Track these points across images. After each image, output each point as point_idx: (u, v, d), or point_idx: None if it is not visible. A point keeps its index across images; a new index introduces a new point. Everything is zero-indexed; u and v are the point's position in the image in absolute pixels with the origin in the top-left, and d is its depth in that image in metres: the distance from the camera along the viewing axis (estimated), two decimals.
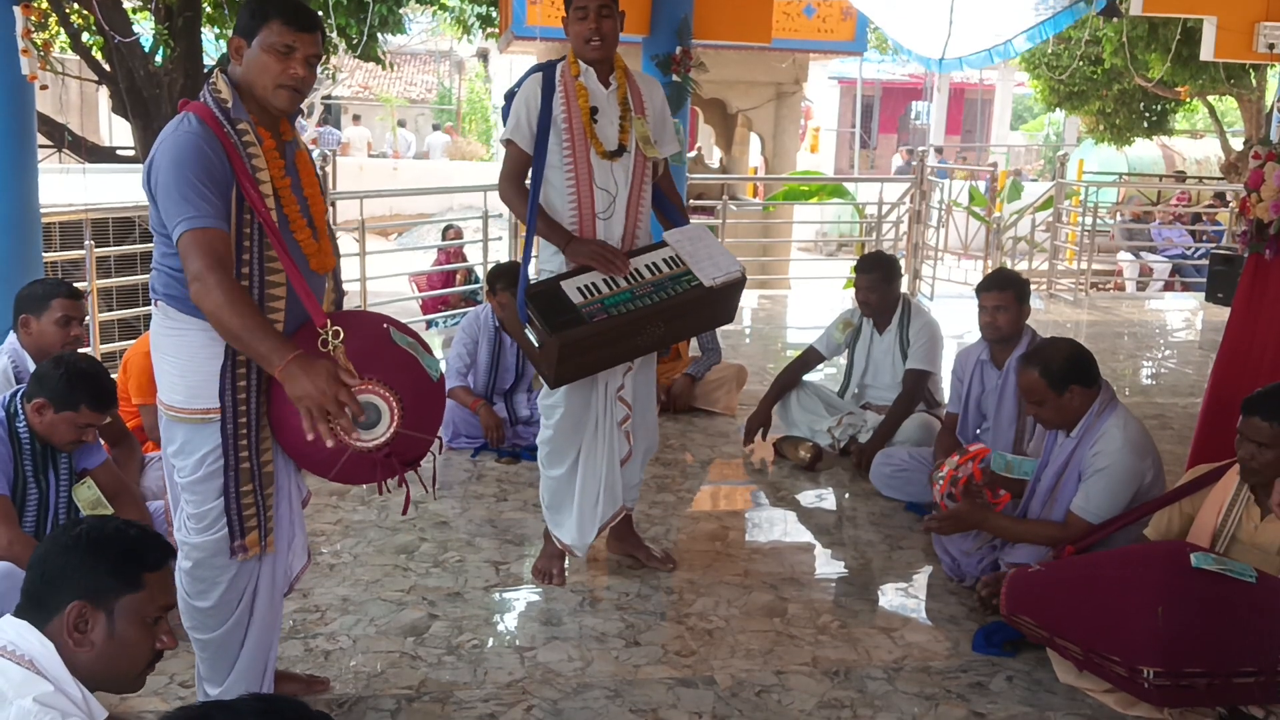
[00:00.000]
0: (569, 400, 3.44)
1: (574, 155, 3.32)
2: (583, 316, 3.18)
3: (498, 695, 2.92)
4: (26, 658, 1.76)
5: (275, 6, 2.38)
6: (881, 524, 4.28)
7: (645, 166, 3.42)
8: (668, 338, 3.43)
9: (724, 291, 3.36)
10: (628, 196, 3.39)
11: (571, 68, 3.35)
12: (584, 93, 3.33)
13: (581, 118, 3.31)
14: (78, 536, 1.85)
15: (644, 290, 3.26)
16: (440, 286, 9.35)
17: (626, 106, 3.38)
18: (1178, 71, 12.21)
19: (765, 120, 13.33)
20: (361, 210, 7.20)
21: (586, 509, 3.53)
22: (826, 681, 3.04)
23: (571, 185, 3.33)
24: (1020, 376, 3.49)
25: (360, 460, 2.34)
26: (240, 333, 2.25)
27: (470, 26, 14.73)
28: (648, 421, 3.64)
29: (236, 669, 2.59)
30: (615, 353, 3.32)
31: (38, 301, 3.58)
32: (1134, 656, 2.77)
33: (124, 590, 1.83)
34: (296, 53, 2.38)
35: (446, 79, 29.84)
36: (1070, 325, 8.41)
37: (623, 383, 3.48)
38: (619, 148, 3.36)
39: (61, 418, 3.00)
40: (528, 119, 3.33)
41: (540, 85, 3.33)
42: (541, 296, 3.23)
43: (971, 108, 26.88)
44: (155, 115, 9.90)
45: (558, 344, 3.14)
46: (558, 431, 3.49)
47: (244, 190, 2.33)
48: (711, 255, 3.38)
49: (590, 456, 3.51)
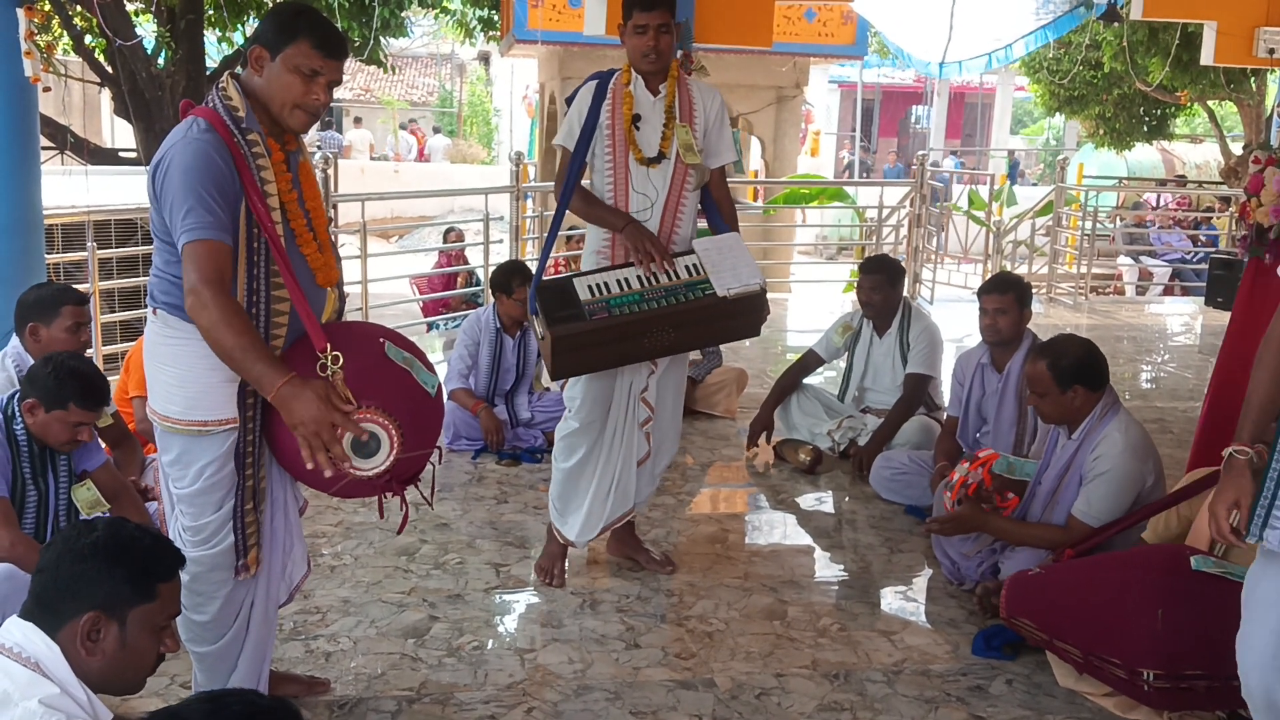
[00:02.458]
0: (589, 393, 3.48)
1: (614, 160, 3.42)
2: (584, 313, 3.24)
3: (498, 697, 2.93)
4: (32, 660, 1.76)
5: (307, 26, 2.33)
6: (881, 527, 4.28)
7: (686, 174, 3.45)
8: (679, 344, 3.43)
9: (740, 303, 3.33)
10: (665, 202, 3.43)
11: (624, 75, 3.44)
12: (629, 99, 3.41)
13: (624, 123, 3.40)
14: (94, 545, 1.83)
15: (654, 294, 3.29)
16: (441, 289, 9.36)
17: (672, 114, 3.43)
18: (1178, 76, 12.22)
19: (766, 124, 13.35)
20: (363, 213, 7.21)
21: (596, 504, 3.55)
22: (826, 684, 3.05)
23: (610, 188, 3.43)
24: (1029, 365, 3.49)
25: (361, 479, 2.33)
26: (234, 352, 2.22)
27: (472, 30, 14.76)
28: (671, 426, 3.65)
29: (234, 680, 2.57)
30: (620, 352, 3.34)
31: (47, 309, 3.57)
32: (1134, 659, 2.78)
33: (139, 601, 1.83)
34: (321, 77, 2.34)
35: (448, 82, 29.88)
36: (1070, 329, 8.37)
37: (646, 384, 3.52)
38: (659, 155, 3.42)
39: (52, 417, 2.99)
40: (578, 123, 3.42)
41: (593, 93, 3.43)
42: (550, 290, 3.32)
43: (971, 112, 26.91)
44: (157, 117, 9.92)
45: (552, 338, 3.22)
46: (577, 421, 3.52)
47: (251, 204, 2.30)
48: (735, 266, 3.38)
49: (608, 453, 3.54)
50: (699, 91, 3.51)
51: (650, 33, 3.33)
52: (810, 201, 12.46)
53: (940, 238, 10.39)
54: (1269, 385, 2.29)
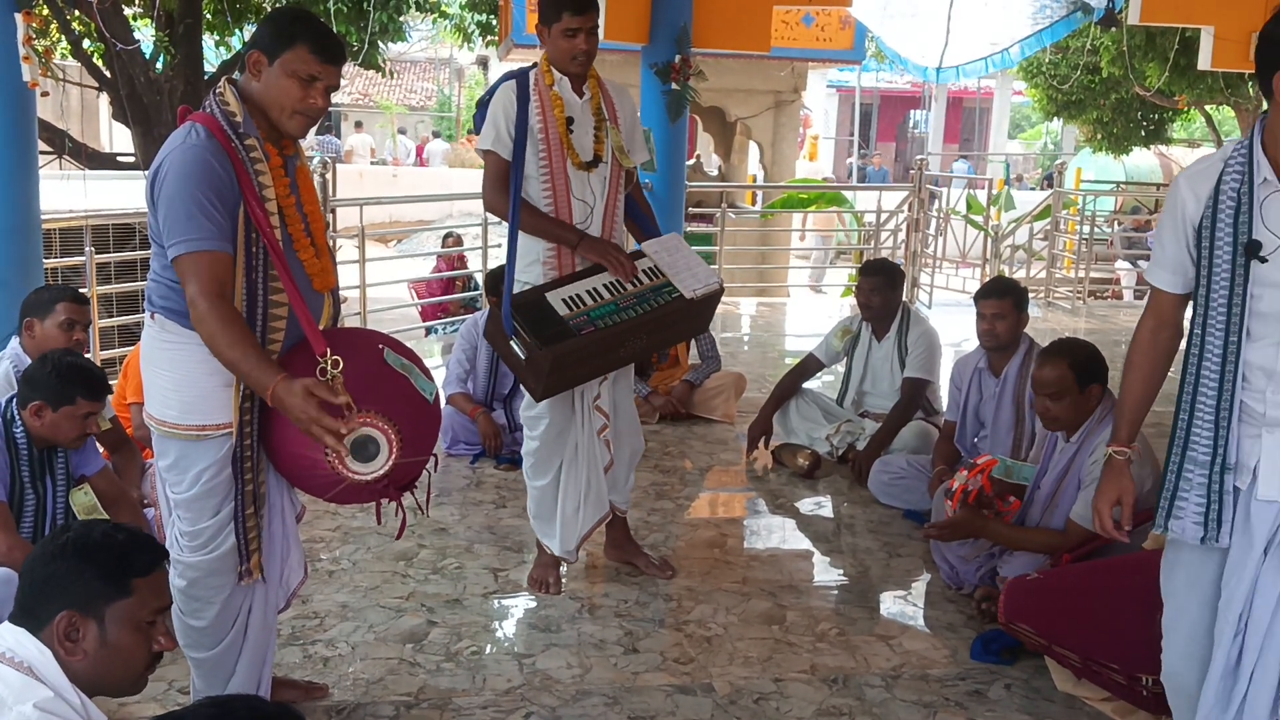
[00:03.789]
0: (552, 411, 3.44)
1: (550, 166, 3.31)
2: (571, 329, 3.16)
3: (496, 702, 2.93)
4: (25, 664, 1.76)
5: (305, 32, 2.33)
6: (880, 531, 4.28)
7: (620, 176, 3.43)
8: (649, 348, 3.46)
9: (702, 303, 3.37)
10: (604, 207, 3.39)
11: (546, 77, 3.33)
12: (559, 103, 3.31)
13: (558, 128, 3.30)
14: (64, 544, 1.82)
15: (628, 302, 3.27)
16: (440, 294, 9.36)
17: (601, 116, 3.38)
18: (1175, 81, 12.25)
19: (764, 128, 13.38)
20: (361, 217, 7.21)
21: (568, 517, 3.53)
22: (825, 689, 3.05)
23: (549, 196, 3.32)
24: (1047, 368, 3.40)
25: (357, 485, 2.34)
26: (234, 360, 2.24)
27: (470, 34, 14.76)
28: (629, 427, 3.65)
29: (231, 686, 2.57)
30: (599, 364, 3.33)
31: (43, 305, 3.63)
32: (1132, 664, 2.78)
33: (113, 597, 1.80)
34: (319, 83, 2.34)
35: (446, 86, 29.90)
36: (1068, 333, 8.41)
37: (599, 392, 3.48)
38: (595, 158, 3.35)
39: (61, 414, 3.00)
40: (506, 128, 3.30)
41: (515, 93, 3.31)
42: (528, 308, 3.21)
43: (969, 116, 26.96)
44: (156, 122, 9.92)
45: (550, 357, 3.12)
46: (542, 443, 3.49)
47: (250, 210, 2.30)
48: (690, 267, 3.39)
49: (572, 466, 3.51)
50: (616, 91, 3.47)
51: (581, 35, 3.26)
52: (808, 206, 12.47)
53: (938, 242, 10.39)
54: (1140, 386, 2.47)
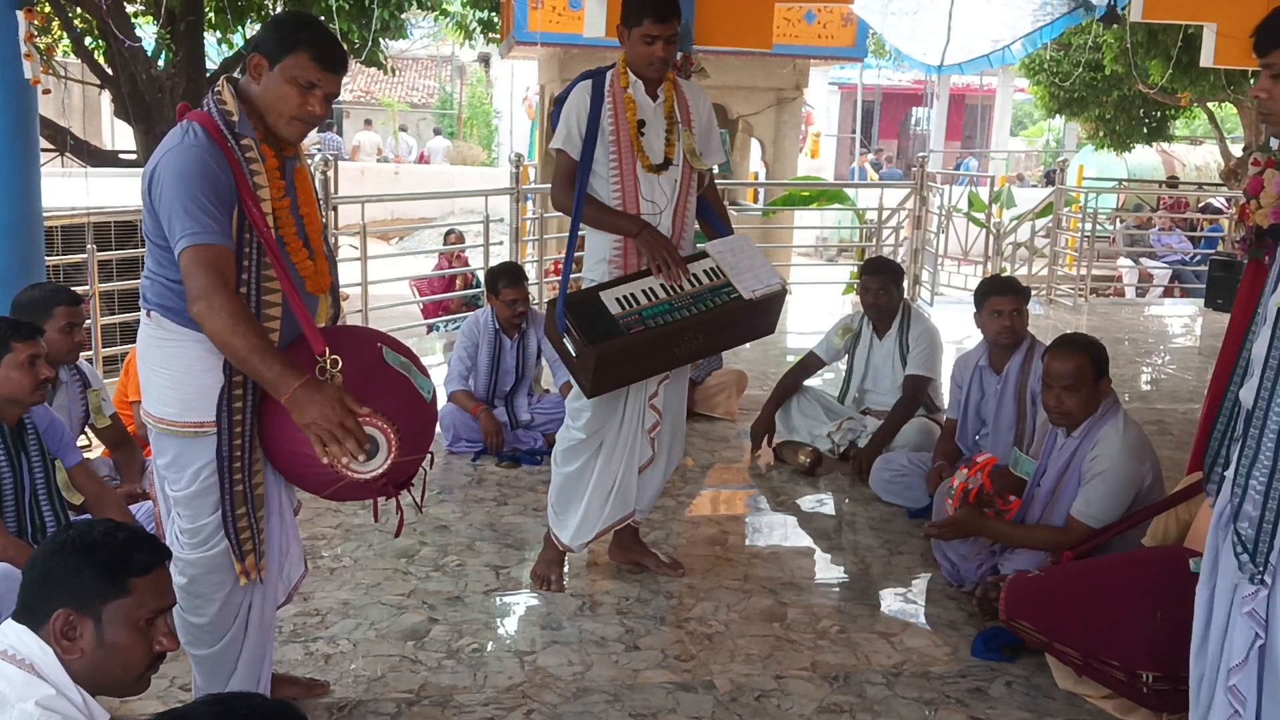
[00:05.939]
0: (597, 405, 3.43)
1: (620, 168, 3.33)
2: (620, 328, 3.18)
3: (497, 699, 2.93)
4: (27, 661, 1.76)
5: (307, 38, 2.33)
6: (881, 529, 4.28)
7: (691, 179, 3.43)
8: (706, 349, 3.43)
9: (763, 304, 3.34)
10: (673, 210, 3.39)
11: (621, 78, 3.36)
12: (632, 105, 3.34)
13: (629, 130, 3.33)
14: (64, 542, 1.82)
15: (683, 302, 3.26)
16: (441, 291, 9.37)
17: (673, 119, 3.40)
18: (1178, 78, 12.22)
19: (766, 126, 13.36)
20: (363, 215, 7.21)
21: (594, 507, 3.53)
22: (826, 686, 3.05)
23: (618, 198, 3.34)
24: (1064, 360, 3.39)
25: (355, 483, 2.34)
26: (247, 356, 2.22)
27: (472, 32, 14.78)
28: (676, 432, 3.65)
29: (233, 683, 2.57)
30: (652, 363, 3.32)
31: (40, 310, 3.56)
32: (1133, 661, 2.78)
33: (110, 597, 1.80)
34: (318, 90, 2.34)
35: (448, 84, 29.89)
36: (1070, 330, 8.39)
37: (656, 390, 3.49)
38: (665, 161, 3.37)
39: (5, 366, 2.94)
40: (578, 127, 3.33)
41: (589, 94, 3.34)
42: (580, 306, 3.23)
43: (972, 113, 26.91)
44: (157, 119, 9.93)
45: (595, 355, 3.14)
46: (581, 434, 3.49)
47: (246, 207, 2.30)
48: (753, 267, 3.37)
49: (608, 458, 3.50)
50: (691, 94, 3.48)
51: (660, 43, 3.27)
52: (810, 204, 12.47)
53: (939, 240, 10.38)
54: None
